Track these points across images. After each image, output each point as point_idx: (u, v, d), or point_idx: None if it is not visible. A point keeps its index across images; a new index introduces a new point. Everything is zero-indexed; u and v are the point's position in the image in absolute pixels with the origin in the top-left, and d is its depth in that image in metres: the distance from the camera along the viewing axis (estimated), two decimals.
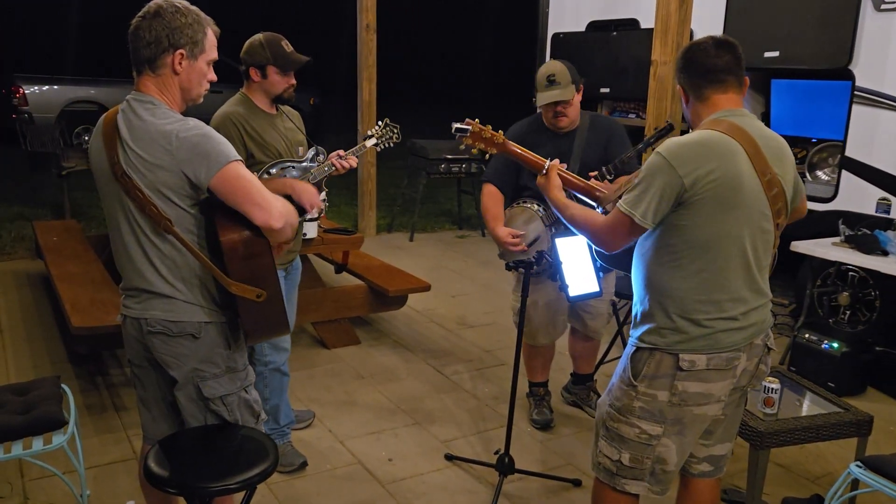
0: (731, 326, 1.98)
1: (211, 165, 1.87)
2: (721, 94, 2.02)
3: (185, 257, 1.96)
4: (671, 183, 1.89)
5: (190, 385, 2.04)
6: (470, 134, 2.36)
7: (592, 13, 6.57)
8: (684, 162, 1.89)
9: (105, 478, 2.99)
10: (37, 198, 7.92)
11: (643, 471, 2.07)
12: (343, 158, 2.96)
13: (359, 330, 4.64)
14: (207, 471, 1.92)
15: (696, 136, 1.94)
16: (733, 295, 1.97)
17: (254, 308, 1.95)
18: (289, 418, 3.18)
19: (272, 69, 2.82)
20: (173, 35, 1.92)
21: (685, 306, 1.97)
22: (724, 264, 1.95)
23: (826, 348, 4.03)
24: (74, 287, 3.93)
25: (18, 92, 10.32)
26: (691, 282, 1.96)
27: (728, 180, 1.89)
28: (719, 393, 2.01)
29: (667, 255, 1.98)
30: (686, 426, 2.03)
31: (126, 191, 1.91)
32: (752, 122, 2.02)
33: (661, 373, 2.00)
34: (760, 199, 1.95)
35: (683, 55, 2.07)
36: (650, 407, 2.01)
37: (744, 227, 1.95)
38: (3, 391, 2.65)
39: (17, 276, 5.58)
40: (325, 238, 4.07)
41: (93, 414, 3.51)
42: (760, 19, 5.15)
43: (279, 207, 1.93)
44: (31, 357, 4.16)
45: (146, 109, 1.92)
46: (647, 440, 2.04)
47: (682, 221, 1.93)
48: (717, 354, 1.97)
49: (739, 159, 1.91)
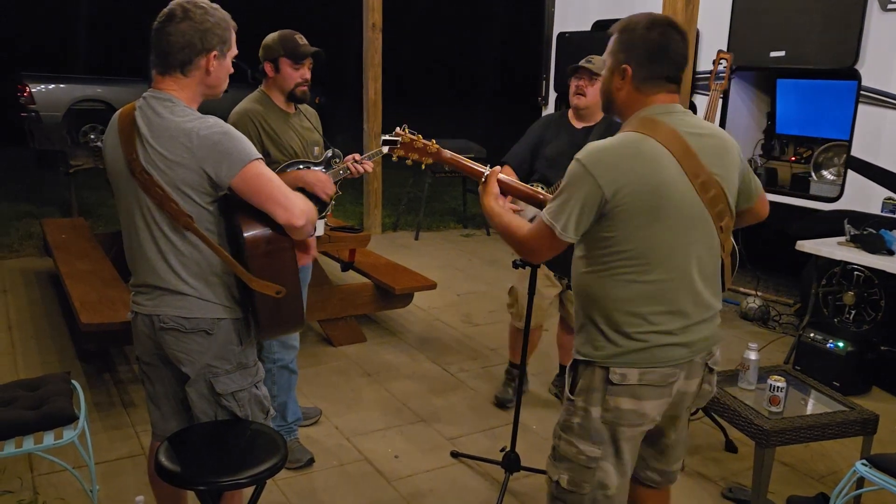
0: (669, 341, 1.82)
1: (232, 164, 1.89)
2: (666, 91, 1.85)
3: (201, 254, 1.97)
4: (591, 193, 1.74)
5: (202, 381, 2.05)
6: (400, 145, 2.22)
7: (598, 12, 6.57)
8: (604, 171, 1.74)
9: (113, 474, 3.01)
10: (44, 196, 7.95)
11: (583, 497, 1.90)
12: (358, 163, 2.99)
13: (365, 328, 4.66)
14: (217, 466, 1.93)
15: (618, 142, 1.79)
16: (670, 308, 1.82)
17: (272, 304, 1.96)
18: (296, 415, 3.20)
19: (284, 61, 2.86)
20: (205, 37, 1.94)
21: (617, 318, 1.83)
22: (661, 275, 1.80)
23: (831, 348, 4.04)
24: (83, 284, 3.95)
25: (25, 90, 10.35)
26: (622, 293, 1.81)
27: (651, 189, 1.74)
28: (653, 413, 1.86)
29: (597, 265, 1.84)
30: (622, 448, 1.88)
31: (145, 188, 1.92)
32: (687, 119, 1.85)
33: (593, 386, 1.86)
34: (694, 204, 1.79)
35: (643, 33, 1.81)
36: (586, 424, 1.88)
37: (678, 236, 1.79)
38: (15, 387, 2.68)
39: (26, 274, 5.61)
40: (332, 236, 4.10)
41: (101, 410, 3.54)
42: (766, 19, 5.16)
43: (301, 205, 1.94)
44: (40, 354, 4.18)
45: (165, 107, 1.93)
46: (585, 462, 1.89)
47: (608, 233, 1.78)
48: (652, 369, 1.82)
49: (664, 165, 1.75)
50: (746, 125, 5.75)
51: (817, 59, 4.89)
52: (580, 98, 3.34)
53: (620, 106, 1.90)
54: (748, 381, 3.03)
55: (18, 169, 9.48)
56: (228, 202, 1.98)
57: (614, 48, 1.87)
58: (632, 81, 1.84)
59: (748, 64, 5.38)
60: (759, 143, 5.80)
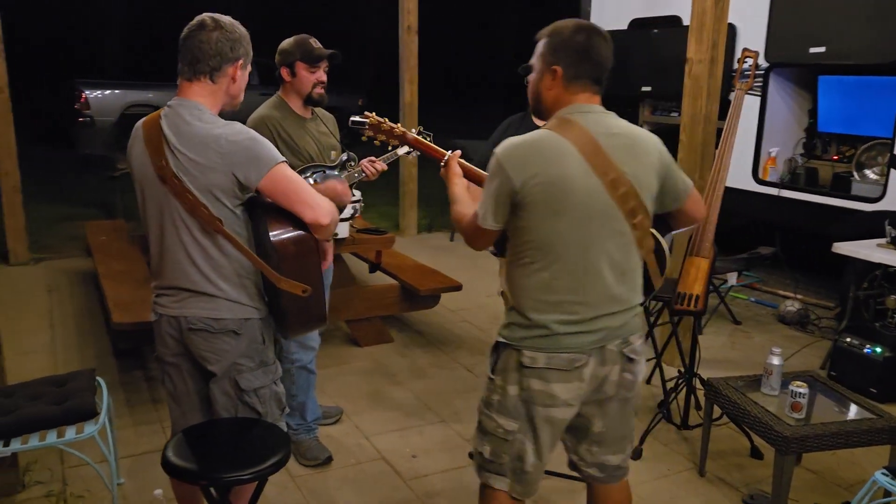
0: (574, 330, 1.92)
1: (261, 167, 1.97)
2: (590, 91, 1.94)
3: (229, 256, 2.03)
4: (503, 184, 1.88)
5: (226, 379, 2.12)
6: (369, 126, 2.40)
7: (634, 11, 6.49)
8: (514, 164, 1.87)
9: (140, 467, 3.11)
10: (90, 199, 8.24)
11: (503, 465, 2.04)
12: (373, 164, 3.03)
13: (393, 329, 4.70)
14: (221, 461, 1.98)
15: (529, 137, 1.90)
16: (578, 298, 1.91)
17: (299, 302, 2.02)
18: (315, 414, 3.25)
19: (300, 65, 2.92)
20: (234, 47, 2.04)
21: (528, 304, 1.94)
22: (565, 266, 1.89)
23: (868, 353, 3.90)
24: (118, 284, 4.09)
25: (82, 97, 10.74)
26: (532, 280, 1.93)
27: (554, 183, 1.84)
28: (565, 396, 1.95)
29: (515, 253, 1.97)
30: (537, 427, 1.98)
31: (176, 193, 1.99)
32: (603, 119, 1.93)
33: (509, 367, 1.98)
34: (602, 201, 1.87)
35: (570, 36, 1.91)
36: (504, 401, 1.99)
37: (581, 230, 1.88)
38: (43, 383, 2.79)
39: (70, 274, 5.83)
40: (357, 238, 4.14)
41: (132, 406, 3.65)
42: (806, 13, 5.01)
43: (326, 205, 2.02)
44: (79, 351, 4.34)
45: (192, 114, 2.00)
46: (503, 434, 2.01)
47: (521, 223, 1.90)
48: (557, 355, 1.91)
49: (568, 161, 1.85)
50: (787, 123, 5.60)
51: (860, 54, 4.73)
52: None
53: (548, 105, 1.99)
54: (771, 387, 2.95)
55: (65, 173, 9.84)
56: (254, 205, 2.05)
57: (544, 51, 1.96)
58: (561, 81, 1.94)
59: (787, 60, 5.24)
60: (801, 141, 5.64)
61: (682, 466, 3.23)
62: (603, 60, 1.93)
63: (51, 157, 10.66)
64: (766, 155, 5.49)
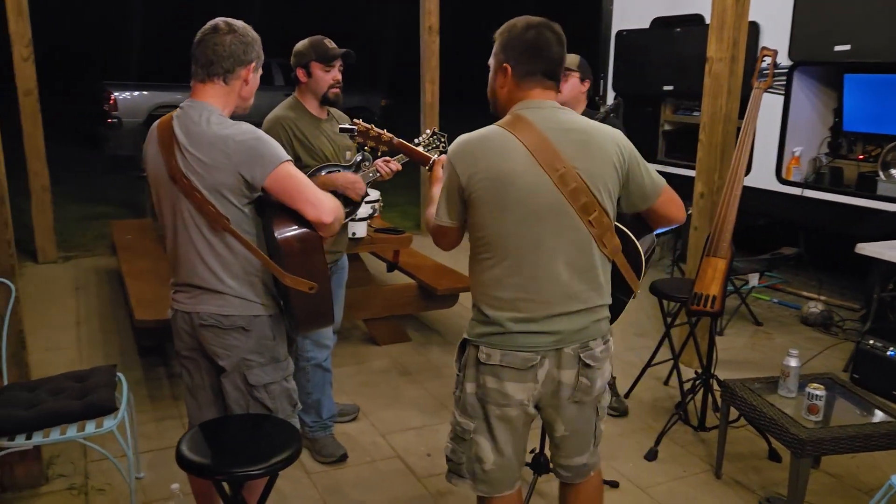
0: (529, 329, 1.90)
1: (265, 166, 2.01)
2: (542, 87, 1.93)
3: (237, 254, 2.08)
4: (452, 180, 1.90)
5: (237, 374, 2.16)
6: (357, 133, 2.45)
7: (657, 9, 6.44)
8: (461, 160, 1.89)
9: (161, 461, 3.17)
10: (118, 199, 8.39)
11: (461, 466, 2.04)
12: (387, 164, 3.06)
13: (411, 328, 4.72)
14: (232, 456, 2.02)
15: (477, 133, 1.91)
16: (530, 296, 1.89)
17: (305, 299, 2.05)
18: (331, 412, 3.28)
19: (315, 65, 2.95)
20: (247, 50, 2.10)
21: (482, 301, 1.95)
22: (516, 262, 1.88)
23: (892, 355, 3.83)
24: (141, 282, 4.17)
25: (110, 98, 10.93)
26: (486, 276, 1.93)
27: (498, 179, 1.84)
28: (518, 396, 1.94)
29: (472, 249, 1.99)
30: (493, 426, 1.98)
31: (185, 192, 2.04)
32: (556, 114, 1.91)
33: (469, 363, 1.99)
34: (550, 197, 1.85)
35: (520, 34, 1.92)
36: (462, 398, 2.01)
37: (528, 226, 1.86)
38: (65, 378, 2.86)
39: (97, 272, 5.94)
40: (374, 237, 4.17)
41: (154, 401, 3.72)
42: (831, 10, 4.94)
43: (329, 203, 2.05)
44: (104, 347, 4.43)
45: (202, 116, 2.05)
46: (461, 433, 2.02)
47: (472, 219, 1.92)
48: (512, 353, 1.91)
49: (512, 157, 1.84)
50: (811, 122, 5.51)
51: (886, 52, 4.64)
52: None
53: (503, 102, 1.99)
54: (788, 389, 2.93)
55: (93, 173, 10.02)
56: (262, 204, 2.09)
57: (496, 49, 1.97)
58: (512, 79, 1.94)
59: (811, 58, 5.17)
60: (826, 140, 5.55)
61: (699, 468, 3.21)
62: (554, 56, 1.93)
63: (79, 158, 10.86)
64: (790, 154, 5.42)
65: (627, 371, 4.03)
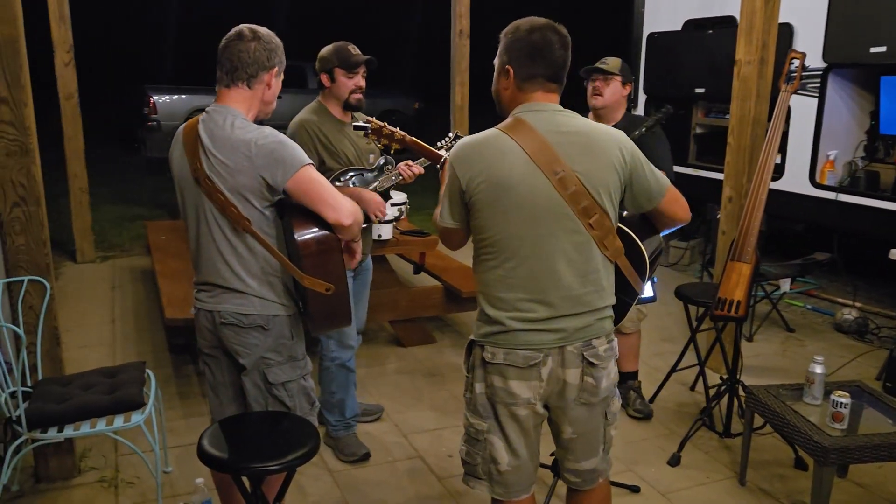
0: (531, 327, 1.91)
1: (287, 169, 2.06)
2: (544, 90, 1.93)
3: (256, 255, 2.13)
4: (453, 184, 1.93)
5: (256, 372, 2.22)
6: (371, 130, 2.48)
7: (689, 11, 6.38)
8: (461, 163, 1.91)
9: (188, 456, 3.24)
10: (156, 200, 8.59)
11: (476, 467, 2.05)
12: (410, 167, 3.10)
13: (437, 330, 4.75)
14: (251, 452, 2.07)
15: (477, 137, 1.92)
16: (532, 296, 1.90)
17: (322, 300, 2.09)
18: (354, 411, 3.32)
19: (339, 71, 3.00)
20: (271, 56, 2.16)
21: (487, 301, 1.96)
22: (519, 264, 1.89)
23: None
24: (173, 282, 4.26)
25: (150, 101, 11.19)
26: (489, 276, 1.94)
27: (497, 182, 1.85)
28: (524, 395, 1.95)
29: (475, 250, 2.00)
30: (504, 425, 1.99)
31: (208, 194, 2.10)
32: (556, 117, 1.91)
33: (476, 363, 2.00)
34: (549, 199, 1.85)
35: (523, 36, 1.91)
36: (472, 398, 2.03)
37: (528, 228, 1.87)
38: (96, 374, 2.95)
39: (133, 272, 6.09)
40: (400, 240, 4.21)
41: (183, 398, 3.81)
42: (866, 12, 4.84)
43: (348, 206, 2.10)
44: (137, 345, 4.54)
45: (226, 120, 2.11)
46: (475, 434, 2.03)
47: (475, 221, 1.94)
48: (514, 351, 1.92)
49: (510, 159, 1.85)
50: (846, 125, 5.41)
51: None
52: (598, 98, 3.37)
53: (505, 104, 2.00)
54: (813, 396, 2.88)
55: (132, 175, 10.25)
56: (283, 206, 2.13)
57: (500, 50, 1.97)
58: (514, 81, 1.94)
59: (847, 60, 5.07)
60: (862, 144, 5.44)
61: (722, 475, 3.18)
62: (557, 59, 1.92)
63: (118, 160, 11.13)
64: (824, 158, 5.32)
65: (653, 376, 4.00)
